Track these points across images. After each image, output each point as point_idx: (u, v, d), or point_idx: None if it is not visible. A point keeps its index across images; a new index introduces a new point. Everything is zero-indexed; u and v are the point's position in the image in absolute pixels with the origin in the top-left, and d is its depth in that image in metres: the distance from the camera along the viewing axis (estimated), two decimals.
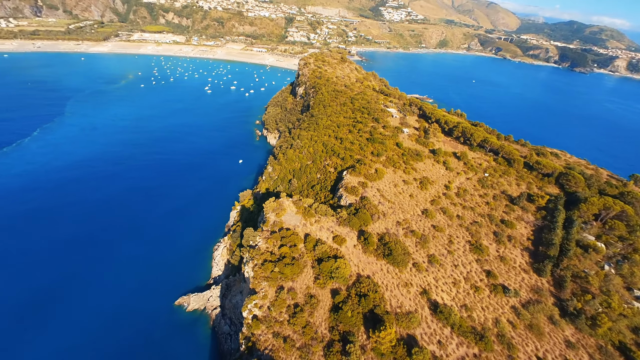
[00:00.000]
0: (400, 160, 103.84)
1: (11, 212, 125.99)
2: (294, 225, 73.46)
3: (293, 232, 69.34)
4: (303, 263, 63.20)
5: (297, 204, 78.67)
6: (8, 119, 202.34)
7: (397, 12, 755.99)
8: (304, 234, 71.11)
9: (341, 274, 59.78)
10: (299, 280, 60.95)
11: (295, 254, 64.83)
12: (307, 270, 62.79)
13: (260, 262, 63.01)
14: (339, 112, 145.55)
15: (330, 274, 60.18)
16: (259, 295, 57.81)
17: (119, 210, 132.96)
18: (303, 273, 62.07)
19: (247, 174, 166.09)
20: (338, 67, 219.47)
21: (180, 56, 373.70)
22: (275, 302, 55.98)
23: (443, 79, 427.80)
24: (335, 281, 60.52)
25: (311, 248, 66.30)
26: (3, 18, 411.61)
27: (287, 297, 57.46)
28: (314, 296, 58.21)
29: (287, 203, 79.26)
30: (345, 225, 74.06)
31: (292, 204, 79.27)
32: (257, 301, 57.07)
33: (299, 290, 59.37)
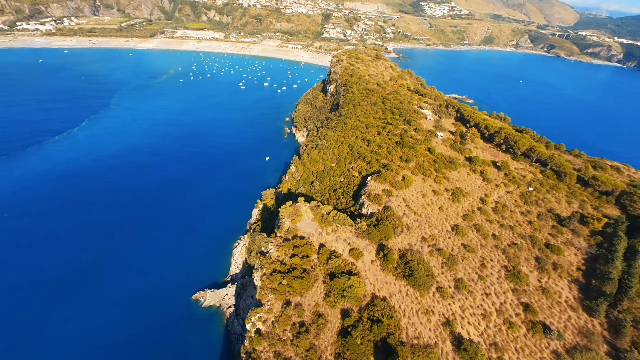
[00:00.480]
0: (432, 168, 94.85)
1: (56, 195, 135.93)
2: (309, 233, 68.73)
3: (307, 242, 64.64)
4: (314, 277, 58.33)
5: (314, 210, 73.82)
6: (63, 108, 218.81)
7: (439, 7, 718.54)
8: (319, 244, 66.13)
9: (354, 293, 54.09)
10: (307, 295, 56.25)
11: (306, 266, 60.13)
12: (318, 286, 57.85)
13: (269, 271, 59.16)
14: (369, 112, 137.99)
15: (342, 292, 54.77)
16: (264, 309, 53.99)
17: (149, 200, 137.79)
18: (313, 288, 57.25)
19: (273, 171, 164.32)
20: (372, 64, 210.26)
21: (218, 52, 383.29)
22: (280, 318, 51.81)
23: (486, 78, 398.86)
24: (347, 300, 55.02)
25: (324, 261, 61.20)
26: (66, 17, 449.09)
27: (294, 313, 53.03)
28: (322, 315, 53.19)
29: (304, 208, 74.70)
30: (364, 238, 67.93)
31: (309, 209, 74.55)
32: (262, 314, 53.31)
33: (306, 307, 54.67)
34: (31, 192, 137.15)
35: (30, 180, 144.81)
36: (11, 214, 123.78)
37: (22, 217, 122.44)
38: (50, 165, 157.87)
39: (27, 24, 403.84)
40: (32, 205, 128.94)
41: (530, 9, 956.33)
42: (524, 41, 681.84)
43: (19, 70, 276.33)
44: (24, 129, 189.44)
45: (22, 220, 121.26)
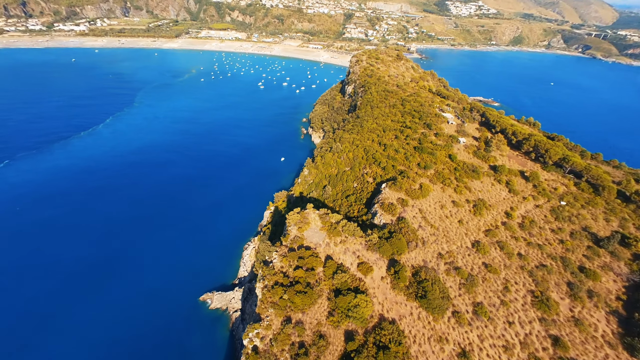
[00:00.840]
0: (452, 176, 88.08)
1: (77, 189, 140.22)
2: (316, 243, 64.60)
3: (313, 253, 60.51)
4: (318, 292, 54.16)
5: (323, 219, 69.58)
6: (91, 105, 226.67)
7: (465, 6, 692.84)
8: (325, 255, 61.84)
9: (360, 314, 49.47)
10: (310, 312, 52.15)
11: (310, 280, 56.06)
12: (321, 302, 53.62)
13: (271, 283, 55.56)
14: (387, 115, 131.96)
15: (347, 312, 50.27)
16: (263, 324, 50.40)
17: (165, 198, 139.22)
18: (316, 305, 53.09)
19: (287, 172, 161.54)
20: (392, 65, 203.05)
21: (239, 52, 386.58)
22: (278, 337, 48.04)
23: (513, 80, 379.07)
24: (351, 321, 50.47)
25: (330, 275, 56.87)
26: (99, 18, 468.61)
27: (293, 332, 49.10)
28: (323, 336, 48.91)
29: (312, 216, 70.63)
30: (375, 251, 62.97)
31: (318, 217, 70.39)
32: (260, 331, 49.77)
33: (308, 325, 50.59)
34: (55, 185, 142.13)
35: (55, 174, 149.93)
36: (35, 206, 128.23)
37: (44, 210, 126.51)
38: (74, 160, 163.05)
39: (63, 25, 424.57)
40: (54, 199, 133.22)
41: (564, 7, 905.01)
42: (557, 41, 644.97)
43: (53, 68, 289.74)
44: (53, 124, 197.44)
45: (44, 212, 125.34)
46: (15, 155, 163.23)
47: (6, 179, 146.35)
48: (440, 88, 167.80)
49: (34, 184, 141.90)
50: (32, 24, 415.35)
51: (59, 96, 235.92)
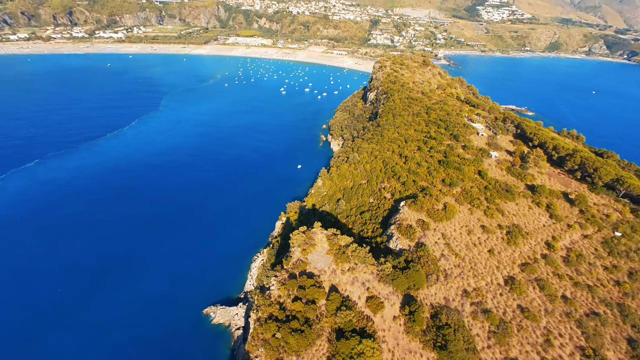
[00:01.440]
0: (482, 196, 77.06)
1: (98, 189, 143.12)
2: (321, 269, 56.68)
3: (315, 282, 52.59)
4: (317, 332, 46.12)
5: (330, 241, 61.57)
6: (119, 107, 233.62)
7: (497, 11, 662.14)
8: (330, 285, 53.74)
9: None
10: (305, 356, 44.20)
11: (310, 315, 48.14)
12: (320, 344, 45.51)
13: (265, 316, 48.27)
14: (410, 124, 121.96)
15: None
16: None
17: (179, 201, 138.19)
18: (314, 347, 45.07)
19: (303, 180, 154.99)
20: (418, 71, 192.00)
21: (264, 58, 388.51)
22: None
23: (550, 87, 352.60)
24: None
25: (333, 310, 48.70)
26: (136, 26, 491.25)
27: None
28: None
29: (319, 236, 62.85)
30: (388, 284, 54.05)
31: (325, 239, 62.46)
32: None
33: None
34: (78, 184, 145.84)
35: (79, 173, 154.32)
36: (57, 204, 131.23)
37: (65, 207, 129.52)
38: (98, 160, 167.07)
39: (103, 33, 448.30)
40: (75, 197, 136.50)
41: (607, 11, 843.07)
42: (599, 47, 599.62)
43: (90, 72, 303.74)
44: (84, 125, 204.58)
45: (65, 209, 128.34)
46: (46, 154, 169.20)
47: (36, 176, 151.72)
48: (469, 96, 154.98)
49: (60, 183, 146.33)
50: (76, 32, 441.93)
51: (92, 98, 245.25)
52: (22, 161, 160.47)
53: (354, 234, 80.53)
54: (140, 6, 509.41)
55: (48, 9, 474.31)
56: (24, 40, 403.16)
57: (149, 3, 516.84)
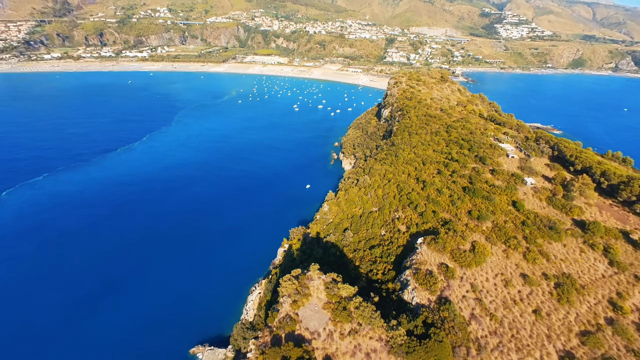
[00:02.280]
0: (519, 234, 62.21)
1: (103, 202, 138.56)
2: (314, 330, 43.58)
3: (304, 352, 39.45)
4: None
5: (329, 290, 48.53)
6: (134, 121, 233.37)
7: (516, 28, 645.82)
8: (324, 356, 40.43)
9: None
10: None
11: None
12: None
13: None
14: (428, 144, 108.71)
15: None
16: None
17: (181, 219, 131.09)
18: None
19: (311, 202, 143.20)
20: (436, 87, 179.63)
21: (280, 76, 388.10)
22: None
23: (577, 105, 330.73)
24: None
25: None
26: (160, 46, 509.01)
27: None
28: None
29: (315, 283, 50.01)
30: (401, 357, 40.18)
31: (323, 287, 49.50)
32: None
33: None
34: (84, 198, 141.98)
35: (86, 187, 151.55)
36: (63, 216, 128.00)
37: (70, 221, 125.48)
38: (106, 174, 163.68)
39: (129, 52, 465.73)
40: (81, 210, 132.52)
41: (632, 27, 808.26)
42: (626, 64, 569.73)
43: (112, 89, 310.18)
44: (97, 139, 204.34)
45: (69, 223, 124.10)
46: (56, 167, 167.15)
47: (44, 189, 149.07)
48: (493, 113, 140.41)
49: (64, 197, 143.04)
50: (104, 52, 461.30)
51: (109, 113, 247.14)
52: (31, 175, 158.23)
53: (360, 274, 66.94)
54: (166, 27, 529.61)
55: (81, 30, 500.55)
56: (56, 59, 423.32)
57: (173, 25, 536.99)
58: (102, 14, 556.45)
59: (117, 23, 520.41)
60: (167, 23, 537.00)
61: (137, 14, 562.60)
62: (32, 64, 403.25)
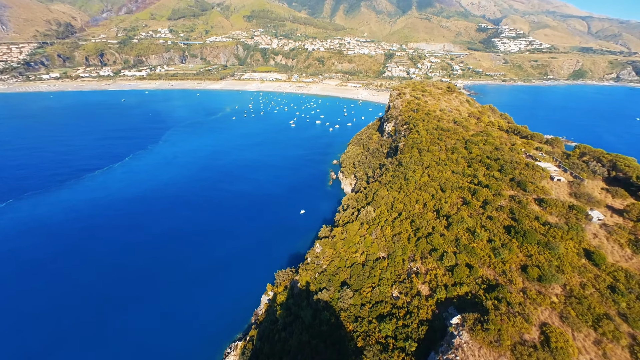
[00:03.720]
0: (611, 309, 38.74)
1: (71, 230, 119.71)
2: None
3: None
4: None
5: None
6: (119, 140, 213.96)
7: (514, 42, 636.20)
8: None
9: None
10: None
11: None
12: None
13: None
14: (444, 163, 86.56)
15: None
16: None
17: (154, 254, 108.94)
18: None
19: (305, 231, 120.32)
20: (443, 98, 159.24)
21: (278, 92, 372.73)
22: None
23: (586, 115, 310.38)
24: None
25: None
26: (160, 65, 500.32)
27: None
28: None
29: None
30: None
31: None
32: None
33: None
34: (51, 223, 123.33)
35: (50, 216, 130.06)
36: (27, 244, 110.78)
37: (30, 251, 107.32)
38: (76, 201, 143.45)
39: (128, 71, 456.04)
40: (35, 246, 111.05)
41: (628, 39, 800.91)
42: (627, 74, 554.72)
43: (103, 107, 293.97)
44: (75, 160, 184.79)
45: (30, 253, 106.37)
46: (22, 194, 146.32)
47: (5, 215, 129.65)
48: (515, 125, 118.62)
49: (24, 228, 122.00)
50: (103, 71, 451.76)
51: (96, 132, 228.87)
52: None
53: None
54: (166, 47, 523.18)
55: (82, 51, 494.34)
56: (54, 79, 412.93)
57: (173, 44, 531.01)
58: (104, 36, 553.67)
59: (118, 44, 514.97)
60: (167, 43, 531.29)
61: (139, 34, 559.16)
62: (29, 84, 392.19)
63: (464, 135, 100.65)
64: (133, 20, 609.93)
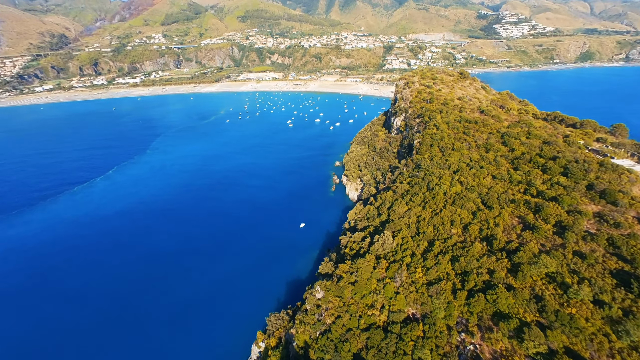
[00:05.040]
0: None
1: (27, 268, 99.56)
2: None
3: None
4: None
5: None
6: (104, 153, 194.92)
7: (516, 27, 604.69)
8: None
9: None
10: None
11: None
12: None
13: None
14: (479, 165, 64.87)
15: None
16: None
17: (121, 290, 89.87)
18: None
19: (305, 250, 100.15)
20: (457, 85, 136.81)
21: (274, 91, 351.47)
22: None
23: (603, 98, 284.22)
24: None
25: None
26: (155, 71, 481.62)
27: None
28: None
29: None
30: None
31: None
32: None
33: None
34: (9, 259, 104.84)
35: (17, 243, 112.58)
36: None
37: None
38: (48, 223, 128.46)
39: (122, 79, 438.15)
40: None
41: (634, 18, 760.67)
42: (637, 53, 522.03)
43: (92, 117, 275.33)
44: (57, 175, 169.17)
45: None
46: None
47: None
48: (555, 112, 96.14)
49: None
50: (97, 81, 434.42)
51: (79, 144, 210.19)
52: None
53: None
54: (160, 53, 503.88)
55: (76, 61, 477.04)
56: (47, 91, 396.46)
57: (167, 49, 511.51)
58: (97, 45, 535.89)
59: (112, 52, 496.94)
60: (161, 48, 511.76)
61: (132, 42, 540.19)
62: (21, 97, 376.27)
63: (497, 127, 78.64)
64: (126, 28, 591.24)
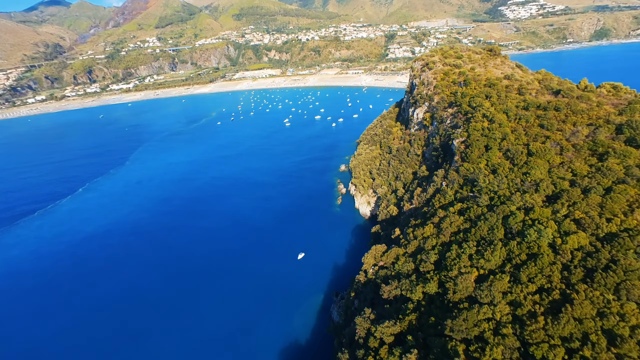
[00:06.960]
0: None
1: None
2: None
3: None
4: None
5: None
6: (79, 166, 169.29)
7: (523, 7, 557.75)
8: None
9: None
10: None
11: None
12: None
13: None
14: (596, 182, 34.47)
15: None
16: None
17: (77, 342, 63.46)
18: None
19: (304, 293, 71.95)
20: (489, 63, 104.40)
21: (271, 88, 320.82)
22: None
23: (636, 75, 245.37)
24: None
25: None
26: (149, 75, 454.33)
27: None
28: None
29: None
30: None
31: None
32: None
33: None
34: None
35: None
36: None
37: None
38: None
39: (115, 85, 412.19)
40: None
41: None
42: None
43: (77, 127, 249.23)
44: (19, 194, 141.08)
45: None
46: None
47: None
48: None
49: None
50: (91, 88, 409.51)
51: (52, 158, 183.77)
52: None
53: None
54: (154, 56, 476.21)
55: (70, 70, 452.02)
56: (39, 102, 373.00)
57: (162, 52, 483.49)
58: (91, 52, 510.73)
59: (106, 58, 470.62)
60: (156, 52, 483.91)
61: (127, 47, 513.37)
62: (12, 110, 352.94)
63: (598, 113, 47.43)
64: (121, 33, 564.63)
